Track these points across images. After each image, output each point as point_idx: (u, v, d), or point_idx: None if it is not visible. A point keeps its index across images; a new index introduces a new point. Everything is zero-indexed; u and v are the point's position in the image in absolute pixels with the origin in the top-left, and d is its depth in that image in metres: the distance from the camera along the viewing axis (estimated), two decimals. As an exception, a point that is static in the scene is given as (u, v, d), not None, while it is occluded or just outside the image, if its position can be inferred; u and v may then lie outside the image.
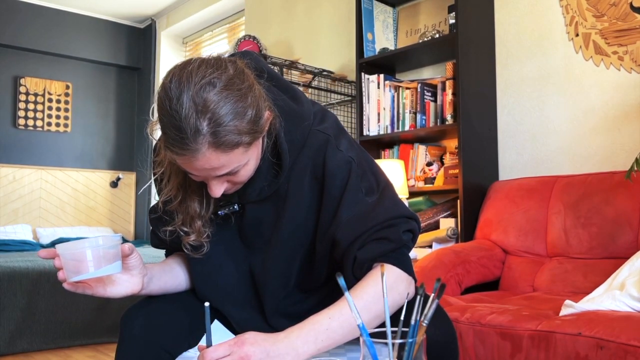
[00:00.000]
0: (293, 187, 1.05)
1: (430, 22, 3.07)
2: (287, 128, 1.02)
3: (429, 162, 2.86)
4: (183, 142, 0.86)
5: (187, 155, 0.88)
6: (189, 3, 5.11)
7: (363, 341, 0.69)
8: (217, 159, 0.88)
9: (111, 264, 0.91)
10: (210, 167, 0.90)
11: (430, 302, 0.72)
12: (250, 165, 0.96)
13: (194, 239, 1.05)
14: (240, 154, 0.91)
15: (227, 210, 1.07)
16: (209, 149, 0.87)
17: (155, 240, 1.18)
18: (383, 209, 1.00)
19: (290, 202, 1.05)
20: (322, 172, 1.03)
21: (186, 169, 0.92)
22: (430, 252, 2.27)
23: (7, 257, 3.41)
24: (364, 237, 0.99)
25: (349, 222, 1.00)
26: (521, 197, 2.37)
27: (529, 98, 2.65)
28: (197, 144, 0.86)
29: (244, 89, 0.90)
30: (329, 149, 1.04)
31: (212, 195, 0.97)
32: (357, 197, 1.02)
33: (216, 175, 0.93)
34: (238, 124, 0.88)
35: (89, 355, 3.15)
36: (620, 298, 1.59)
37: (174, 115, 0.86)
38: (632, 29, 2.34)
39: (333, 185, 1.02)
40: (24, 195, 5.03)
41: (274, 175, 1.04)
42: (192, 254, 1.08)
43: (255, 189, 1.04)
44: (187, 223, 1.05)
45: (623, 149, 2.34)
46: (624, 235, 2.03)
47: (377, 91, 2.96)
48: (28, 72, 5.08)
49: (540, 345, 1.51)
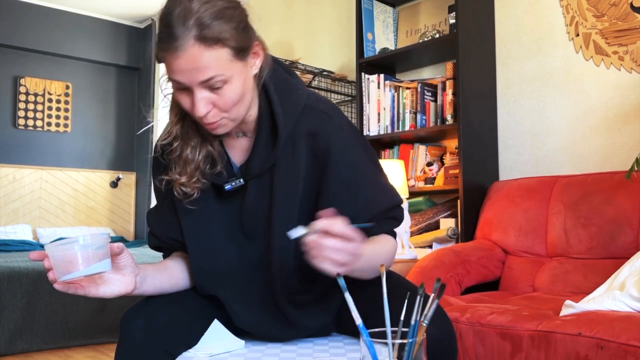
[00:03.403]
0: (289, 161, 1.09)
1: (430, 22, 3.07)
2: (280, 99, 1.08)
3: (429, 162, 2.86)
4: (170, 36, 0.94)
5: (173, 50, 0.94)
6: (189, 3, 5.11)
7: (363, 341, 0.69)
8: (200, 55, 0.94)
9: (100, 262, 0.91)
10: (194, 65, 0.94)
11: (430, 302, 0.72)
12: (234, 85, 0.99)
13: (185, 181, 1.08)
14: (224, 60, 0.96)
15: (234, 184, 1.09)
16: (194, 43, 0.93)
17: (154, 241, 1.19)
18: (390, 194, 1.15)
19: (288, 177, 1.09)
20: (325, 151, 1.08)
21: (173, 75, 0.97)
22: (430, 252, 2.27)
23: (7, 257, 3.41)
24: (384, 213, 1.12)
25: (374, 200, 1.11)
26: (521, 197, 2.37)
27: (529, 98, 2.65)
28: (183, 38, 0.93)
29: (233, 3, 1.00)
30: (332, 127, 1.10)
31: (197, 114, 0.99)
32: (374, 177, 1.14)
33: (199, 82, 0.96)
34: (223, 23, 0.95)
35: (89, 355, 3.15)
36: (621, 298, 1.59)
37: (166, 16, 0.95)
38: (632, 29, 2.34)
39: (342, 165, 1.08)
40: (24, 195, 5.03)
41: (272, 147, 1.08)
42: (183, 200, 1.10)
43: (257, 162, 1.08)
44: (178, 169, 1.09)
45: (623, 149, 2.34)
46: (624, 235, 2.03)
47: (377, 91, 2.96)
48: (28, 72, 5.08)
49: (540, 345, 1.51)
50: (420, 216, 2.77)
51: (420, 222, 2.76)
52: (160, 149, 1.14)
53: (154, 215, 1.20)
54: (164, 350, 1.02)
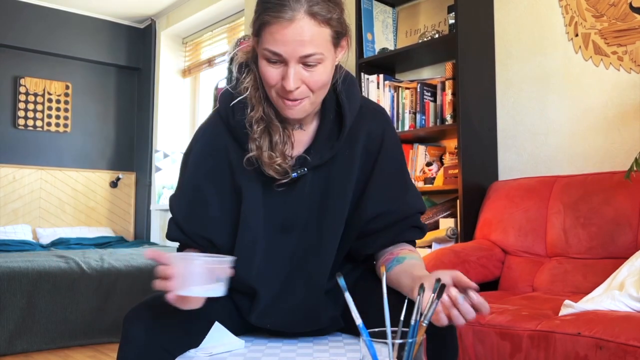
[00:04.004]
0: (346, 155, 1.12)
1: (430, 22, 3.07)
2: (347, 94, 1.13)
3: (429, 162, 2.86)
4: (283, 7, 0.97)
5: (283, 18, 0.97)
6: (189, 3, 5.11)
7: (363, 341, 0.70)
8: (309, 28, 0.98)
9: (218, 286, 0.93)
10: (300, 37, 0.97)
11: (431, 302, 0.73)
12: (327, 67, 1.03)
13: (280, 163, 1.08)
14: (326, 40, 1.01)
15: (299, 172, 1.10)
16: (305, 15, 0.97)
17: (179, 235, 1.15)
18: (420, 198, 1.19)
19: (344, 170, 1.12)
20: (379, 145, 1.14)
21: (274, 46, 0.99)
22: (430, 252, 2.27)
23: (7, 257, 3.40)
24: (412, 218, 1.15)
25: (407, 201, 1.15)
26: (521, 197, 2.37)
27: (529, 98, 2.66)
28: (295, 10, 0.97)
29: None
30: (387, 124, 1.17)
31: (287, 87, 1.01)
32: (407, 179, 1.18)
33: (299, 57, 0.99)
34: (332, 5, 1.01)
35: (89, 355, 3.15)
36: (620, 298, 1.60)
37: None
38: (631, 29, 2.34)
39: (389, 162, 1.13)
40: (24, 195, 5.03)
41: (334, 140, 1.11)
42: (279, 178, 1.09)
43: (318, 152, 1.11)
44: (268, 150, 1.09)
45: (623, 149, 2.34)
46: (623, 235, 2.03)
47: (377, 91, 2.96)
48: (28, 72, 5.08)
49: (539, 345, 1.51)
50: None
51: (419, 222, 2.76)
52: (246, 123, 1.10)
53: (182, 210, 1.16)
54: (165, 350, 1.02)
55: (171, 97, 5.44)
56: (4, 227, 4.74)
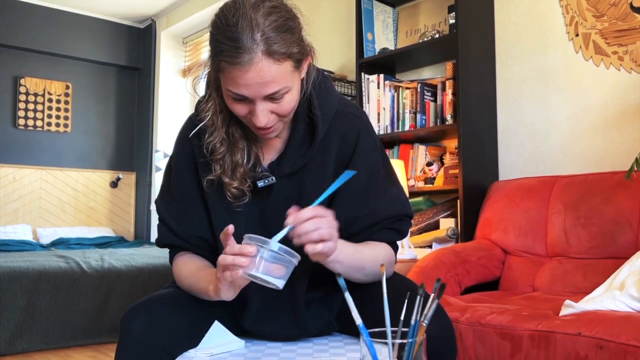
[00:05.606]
0: (319, 161, 1.11)
1: (430, 22, 3.07)
2: (319, 102, 1.11)
3: (429, 162, 2.86)
4: (238, 51, 0.93)
5: (240, 64, 0.93)
6: (189, 3, 5.11)
7: (363, 341, 0.70)
8: (268, 69, 0.94)
9: (281, 277, 0.93)
10: (262, 80, 0.95)
11: (430, 302, 0.72)
12: (294, 94, 1.02)
13: (237, 186, 1.08)
14: (289, 72, 0.98)
15: (266, 181, 1.10)
16: (262, 57, 0.93)
17: (171, 238, 1.16)
18: (400, 203, 1.15)
19: (318, 177, 1.10)
20: (352, 149, 1.11)
21: (237, 89, 0.97)
22: (430, 252, 2.27)
23: (7, 257, 3.40)
24: (384, 222, 1.13)
25: (376, 207, 1.13)
26: (521, 197, 2.37)
27: (529, 98, 2.66)
28: (252, 52, 0.93)
29: (292, 13, 1.01)
30: (362, 127, 1.14)
31: (258, 124, 1.00)
32: (384, 184, 1.15)
33: (264, 96, 0.97)
34: (288, 36, 0.97)
35: (89, 355, 3.15)
36: (620, 298, 1.59)
37: (231, 29, 0.94)
38: (632, 29, 2.34)
39: (360, 166, 1.10)
40: (24, 195, 5.03)
41: (306, 147, 1.11)
42: (234, 203, 1.10)
43: (290, 160, 1.10)
44: (228, 172, 1.09)
45: (623, 149, 2.34)
46: (623, 235, 2.03)
47: (377, 91, 2.96)
48: (28, 72, 5.08)
49: (540, 345, 1.51)
50: (420, 216, 2.78)
51: (420, 222, 2.76)
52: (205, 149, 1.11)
53: (173, 212, 1.16)
54: (164, 350, 1.02)
55: (171, 97, 5.44)
56: (4, 227, 4.74)
